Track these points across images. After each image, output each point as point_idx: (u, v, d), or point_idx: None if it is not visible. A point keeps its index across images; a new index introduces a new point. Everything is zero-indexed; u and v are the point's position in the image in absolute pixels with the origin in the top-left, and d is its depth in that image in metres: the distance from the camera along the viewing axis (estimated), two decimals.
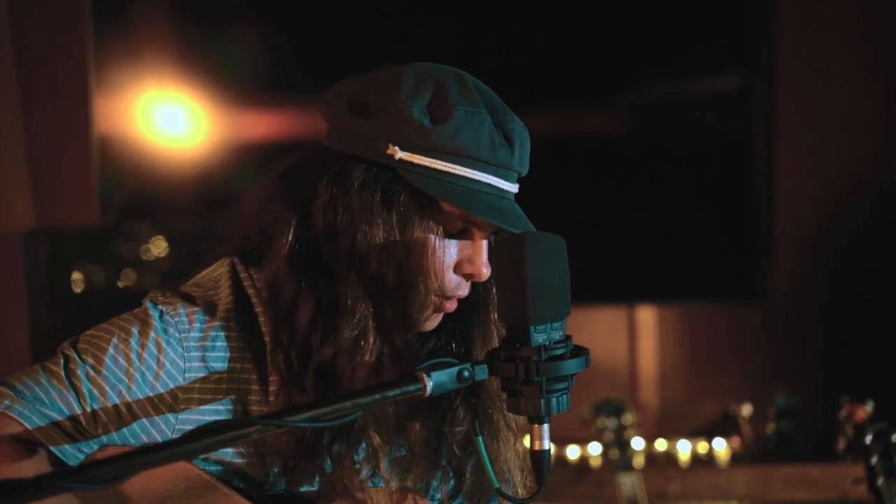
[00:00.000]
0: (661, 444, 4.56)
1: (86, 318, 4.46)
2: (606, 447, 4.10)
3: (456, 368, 1.64)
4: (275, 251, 1.86)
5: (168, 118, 4.68)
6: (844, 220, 4.72)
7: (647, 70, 4.71)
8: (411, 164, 1.81)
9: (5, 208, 4.56)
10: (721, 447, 4.52)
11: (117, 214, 4.61)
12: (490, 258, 1.87)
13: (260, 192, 1.94)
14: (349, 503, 1.84)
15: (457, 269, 1.87)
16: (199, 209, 4.68)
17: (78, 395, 1.78)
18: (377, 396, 1.60)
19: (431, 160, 1.80)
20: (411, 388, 1.62)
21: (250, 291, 1.88)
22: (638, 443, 4.27)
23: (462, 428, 1.92)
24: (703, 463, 4.55)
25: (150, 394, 1.80)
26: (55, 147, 4.61)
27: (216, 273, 1.93)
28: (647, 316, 4.81)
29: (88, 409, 1.78)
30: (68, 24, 4.59)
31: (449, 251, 1.85)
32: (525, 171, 1.91)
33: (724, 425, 4.57)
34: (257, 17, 4.71)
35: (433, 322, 1.90)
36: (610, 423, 4.06)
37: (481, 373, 1.67)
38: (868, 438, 3.19)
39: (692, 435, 4.60)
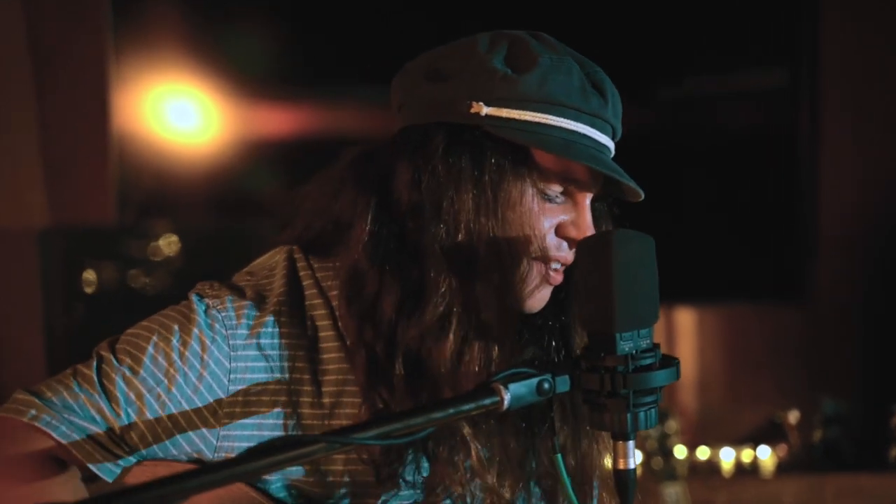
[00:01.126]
0: (703, 453, 4.43)
1: (100, 316, 4.36)
2: (649, 456, 3.98)
3: (535, 379, 1.50)
4: (353, 241, 1.70)
5: (187, 114, 4.61)
6: (891, 219, 4.59)
7: (689, 64, 4.59)
8: (499, 118, 1.66)
9: (20, 205, 4.48)
10: (766, 455, 4.38)
11: (136, 212, 4.53)
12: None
13: (325, 180, 1.80)
14: None
15: (559, 231, 1.71)
16: (217, 206, 4.62)
17: (111, 400, 1.63)
18: (451, 411, 1.46)
19: (521, 112, 1.66)
20: (487, 401, 1.47)
21: (306, 282, 1.74)
22: (680, 450, 4.14)
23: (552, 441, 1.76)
24: (748, 472, 4.42)
25: (193, 397, 1.65)
26: (71, 143, 4.52)
27: (272, 261, 1.78)
28: (686, 318, 4.69)
29: (123, 416, 1.63)
30: (86, 16, 4.50)
31: (549, 212, 1.70)
32: (619, 130, 1.76)
33: (768, 432, 4.44)
34: (275, 11, 4.64)
35: (540, 298, 1.73)
36: (653, 430, 3.94)
37: (562, 384, 1.53)
38: None
39: (735, 442, 4.47)
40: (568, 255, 1.72)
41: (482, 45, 1.71)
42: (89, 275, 4.39)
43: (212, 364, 1.66)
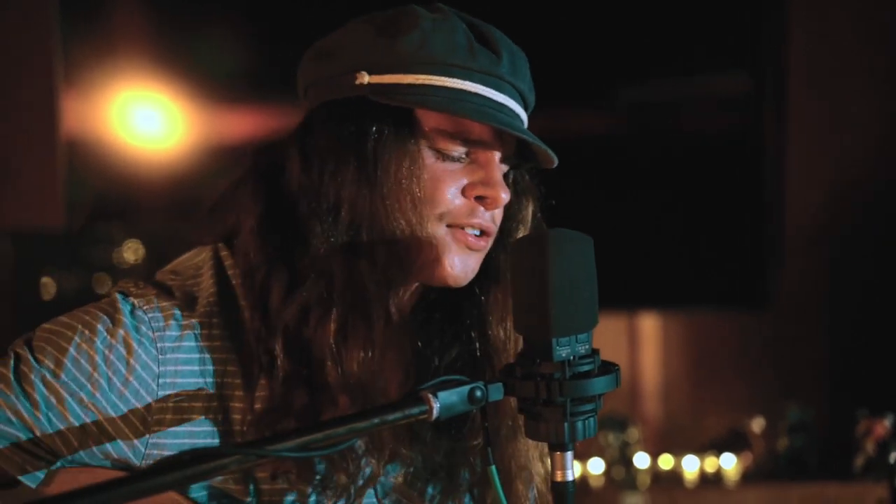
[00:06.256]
0: (666, 462, 4.35)
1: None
2: (609, 465, 3.92)
3: (467, 387, 1.43)
4: (244, 231, 1.66)
5: (140, 118, 4.51)
6: (857, 224, 4.54)
7: (653, 68, 4.52)
8: (381, 85, 1.62)
9: None
10: (730, 464, 4.31)
11: (85, 218, 4.43)
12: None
13: (236, 176, 1.76)
14: None
15: (468, 193, 1.65)
16: (173, 212, 4.49)
17: (31, 403, 1.54)
18: (376, 420, 1.40)
19: (403, 76, 1.62)
20: (415, 410, 1.41)
21: (235, 281, 1.66)
22: (642, 459, 4.08)
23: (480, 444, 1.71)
24: (711, 481, 4.34)
25: (119, 403, 1.56)
26: (19, 146, 4.44)
27: (197, 259, 1.71)
28: (649, 324, 4.61)
29: (44, 421, 1.54)
30: (35, 18, 4.41)
31: (452, 174, 1.64)
32: (527, 92, 1.70)
33: (732, 440, 4.38)
34: (241, 11, 4.55)
35: (462, 267, 1.67)
36: (613, 439, 3.90)
37: (496, 392, 1.46)
38: (893, 457, 3.10)
39: (699, 450, 4.39)
40: (483, 220, 1.67)
41: (367, 19, 1.68)
42: (44, 281, 4.29)
43: (139, 368, 1.57)
